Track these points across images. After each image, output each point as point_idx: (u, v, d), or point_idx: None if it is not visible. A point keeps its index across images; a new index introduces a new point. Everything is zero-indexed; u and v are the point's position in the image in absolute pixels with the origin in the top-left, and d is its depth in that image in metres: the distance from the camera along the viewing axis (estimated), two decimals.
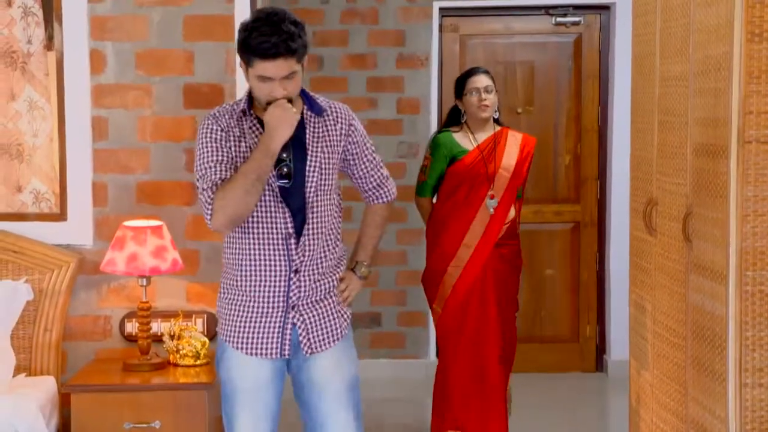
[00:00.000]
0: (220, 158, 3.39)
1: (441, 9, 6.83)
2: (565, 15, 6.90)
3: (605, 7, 6.89)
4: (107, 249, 4.40)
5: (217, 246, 4.48)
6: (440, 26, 6.89)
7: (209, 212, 3.36)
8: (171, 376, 4.24)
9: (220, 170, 3.38)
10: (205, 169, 3.39)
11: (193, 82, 4.48)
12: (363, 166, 3.68)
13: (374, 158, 3.73)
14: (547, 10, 6.90)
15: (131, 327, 4.48)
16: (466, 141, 5.24)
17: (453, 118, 5.39)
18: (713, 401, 3.85)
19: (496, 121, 5.34)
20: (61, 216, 4.50)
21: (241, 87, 4.46)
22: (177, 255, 4.30)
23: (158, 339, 4.42)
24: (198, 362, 4.30)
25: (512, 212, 5.27)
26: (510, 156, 5.24)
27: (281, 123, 3.31)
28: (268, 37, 3.28)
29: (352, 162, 3.64)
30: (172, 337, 4.36)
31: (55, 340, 4.39)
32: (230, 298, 3.54)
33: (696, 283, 4.00)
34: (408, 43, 6.79)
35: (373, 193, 3.77)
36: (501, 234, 5.22)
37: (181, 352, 4.31)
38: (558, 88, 6.96)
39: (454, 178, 5.21)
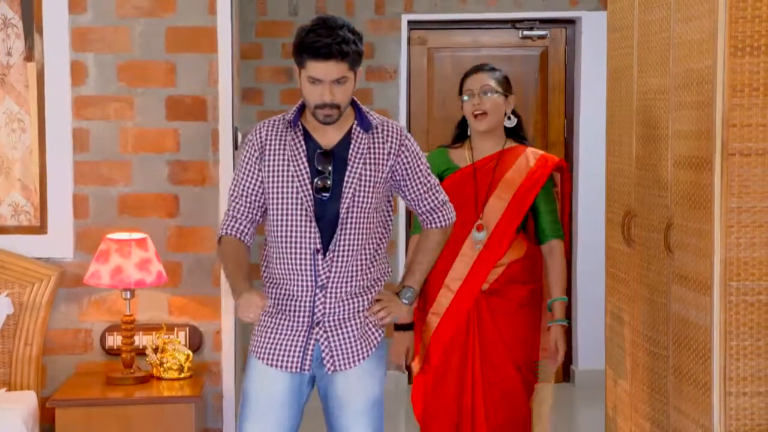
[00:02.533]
0: (240, 190, 3.52)
1: (409, 22, 6.87)
2: (531, 29, 6.97)
3: (570, 21, 6.98)
4: (88, 262, 4.37)
5: (200, 258, 4.47)
6: (408, 39, 6.93)
7: (219, 232, 3.58)
8: (156, 389, 4.21)
9: (236, 204, 3.53)
10: (231, 191, 3.57)
11: (176, 94, 4.47)
12: (414, 188, 3.59)
13: (428, 182, 3.62)
14: (514, 23, 6.98)
15: (112, 340, 4.45)
16: (461, 157, 4.21)
17: (461, 132, 4.31)
18: (697, 410, 3.89)
19: (516, 136, 4.26)
20: (41, 229, 4.46)
21: (225, 99, 4.45)
22: (161, 267, 4.28)
23: (140, 352, 4.39)
24: (182, 375, 4.27)
25: (518, 251, 4.16)
26: (513, 179, 4.13)
27: (244, 312, 3.35)
28: (322, 38, 3.31)
29: (402, 183, 3.57)
30: (155, 350, 4.33)
31: (35, 354, 4.34)
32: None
33: (678, 294, 4.05)
34: (377, 56, 6.82)
35: (426, 217, 3.66)
36: (493, 277, 4.13)
37: (165, 365, 4.28)
38: (525, 101, 7.02)
39: None
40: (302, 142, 3.46)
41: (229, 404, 4.51)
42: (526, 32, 6.98)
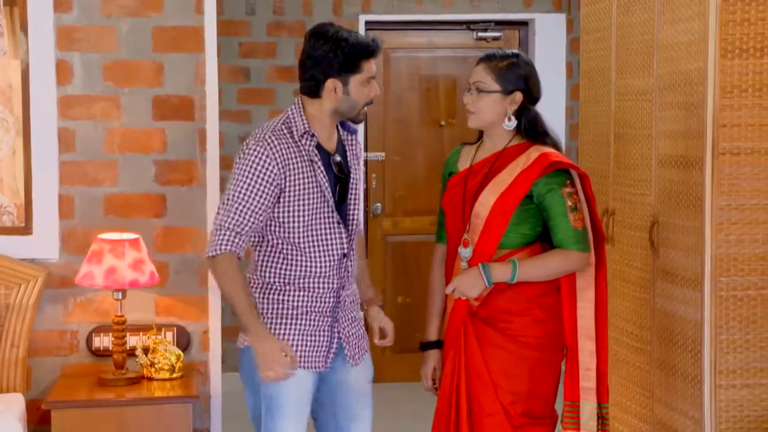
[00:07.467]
0: (254, 208, 3.37)
1: (367, 22, 6.91)
2: (486, 30, 7.07)
3: (524, 23, 7.09)
4: (74, 262, 4.33)
5: (187, 258, 4.45)
6: None
7: (213, 251, 3.37)
8: (149, 390, 4.16)
9: (245, 220, 3.37)
10: (237, 206, 3.37)
11: (162, 94, 4.43)
12: (358, 188, 3.67)
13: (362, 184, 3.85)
14: (469, 25, 7.06)
15: (99, 341, 4.40)
16: (466, 157, 3.68)
17: None
18: (685, 403, 3.99)
19: (532, 132, 3.57)
20: (26, 230, 4.38)
21: (212, 99, 4.44)
22: (153, 268, 4.25)
23: (129, 353, 4.34)
24: (173, 376, 4.24)
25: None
26: (503, 180, 3.50)
27: (266, 369, 3.35)
28: (362, 38, 3.45)
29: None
30: (145, 350, 4.30)
31: (21, 356, 4.27)
32: (277, 314, 3.51)
33: (664, 290, 4.15)
34: None
35: (356, 222, 3.63)
36: (479, 300, 3.52)
37: (156, 365, 4.25)
38: None
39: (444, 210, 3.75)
40: (316, 151, 3.50)
41: (216, 404, 4.50)
42: (480, 34, 7.08)
